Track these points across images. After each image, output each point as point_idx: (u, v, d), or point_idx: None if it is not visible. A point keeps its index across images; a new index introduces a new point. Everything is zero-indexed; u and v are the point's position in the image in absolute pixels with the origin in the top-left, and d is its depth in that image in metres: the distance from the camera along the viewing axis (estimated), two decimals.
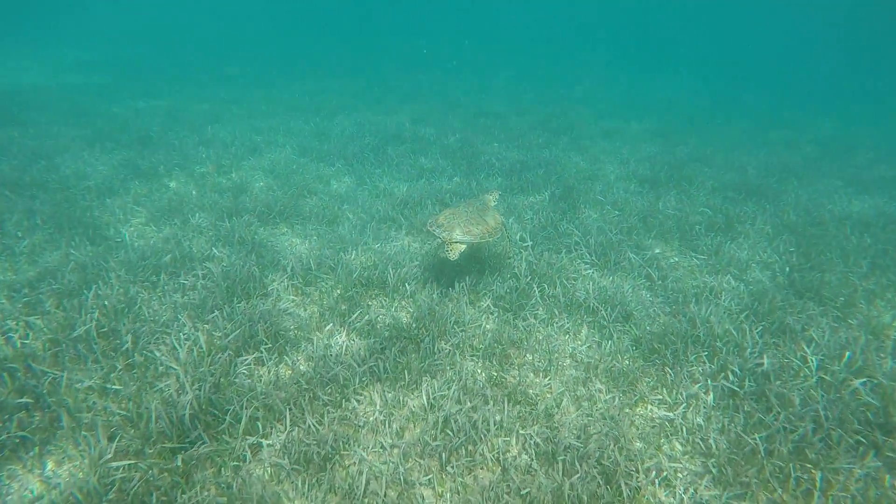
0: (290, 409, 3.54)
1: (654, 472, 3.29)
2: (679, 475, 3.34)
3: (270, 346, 4.18)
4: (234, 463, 3.20)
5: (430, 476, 3.19)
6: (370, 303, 5.05)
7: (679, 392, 3.97)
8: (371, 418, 3.60)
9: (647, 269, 5.73)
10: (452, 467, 3.23)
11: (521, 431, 3.52)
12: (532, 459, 3.32)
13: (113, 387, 3.62)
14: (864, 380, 3.89)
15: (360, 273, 5.33)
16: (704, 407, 3.84)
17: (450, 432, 3.43)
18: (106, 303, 4.44)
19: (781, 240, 6.61)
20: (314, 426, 3.42)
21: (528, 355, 4.41)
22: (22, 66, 19.27)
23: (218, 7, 48.14)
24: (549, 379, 4.11)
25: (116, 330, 4.18)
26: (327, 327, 4.58)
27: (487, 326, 4.72)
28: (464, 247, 4.91)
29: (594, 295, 5.08)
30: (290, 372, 4.02)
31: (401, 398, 3.79)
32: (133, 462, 3.06)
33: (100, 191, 7.26)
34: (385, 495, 3.03)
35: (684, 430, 3.64)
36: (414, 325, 4.61)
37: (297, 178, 8.40)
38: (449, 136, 11.37)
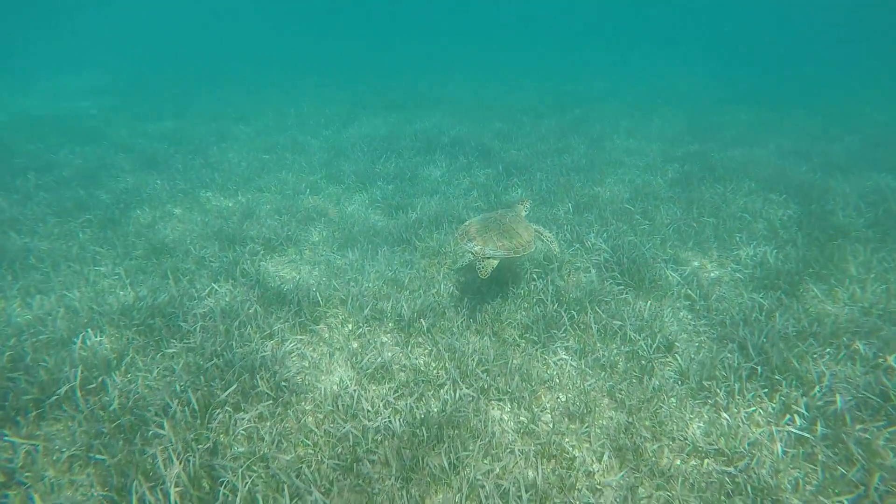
0: (295, 477, 3.15)
1: None
2: None
3: (274, 398, 3.80)
4: None
5: None
6: (384, 338, 4.65)
7: (739, 441, 3.46)
8: (387, 483, 3.18)
9: (686, 289, 5.23)
10: None
11: (556, 500, 3.06)
12: None
13: (96, 456, 3.27)
14: None
15: (373, 305, 4.94)
16: (771, 458, 3.33)
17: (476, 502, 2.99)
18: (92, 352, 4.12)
19: (835, 246, 6.03)
20: (321, 500, 3.01)
21: (560, 395, 3.96)
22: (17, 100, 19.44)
23: (215, 16, 48.44)
24: (587, 426, 3.64)
25: (105, 385, 3.84)
26: (336, 376, 4.19)
27: (515, 362, 4.27)
28: (496, 262, 4.59)
29: (630, 321, 4.60)
30: (295, 426, 3.63)
31: (420, 458, 3.36)
32: None
33: (101, 223, 7.00)
34: None
35: (749, 488, 3.14)
36: (432, 366, 4.19)
37: (306, 200, 8.07)
38: (465, 151, 10.96)
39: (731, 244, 6.26)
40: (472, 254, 4.62)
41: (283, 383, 3.92)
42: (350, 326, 4.79)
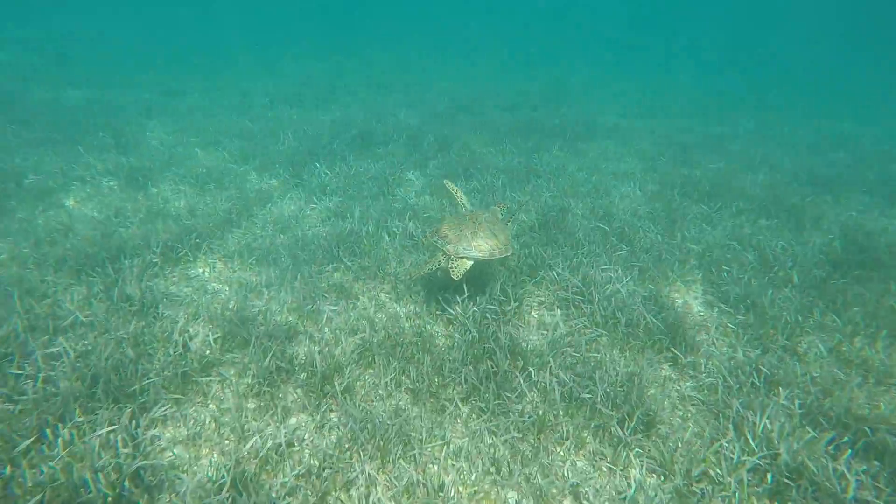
0: None
1: None
2: None
3: None
4: None
5: None
6: (292, 398, 3.66)
7: None
8: None
9: (667, 342, 4.41)
10: None
11: None
12: None
13: None
14: None
15: (280, 353, 3.93)
16: None
17: None
18: None
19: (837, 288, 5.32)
20: None
21: (510, 493, 3.07)
22: None
23: None
24: None
25: None
26: (209, 464, 3.18)
27: (455, 443, 3.36)
28: (470, 264, 4.44)
29: (602, 384, 3.74)
30: None
31: None
32: None
33: None
34: None
35: None
36: (346, 449, 3.24)
37: (230, 195, 6.94)
38: (424, 138, 9.92)
39: (719, 279, 5.50)
40: (444, 252, 4.47)
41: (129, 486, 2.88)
42: (249, 381, 3.77)
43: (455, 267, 4.38)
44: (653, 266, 5.59)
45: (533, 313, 4.86)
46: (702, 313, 5.04)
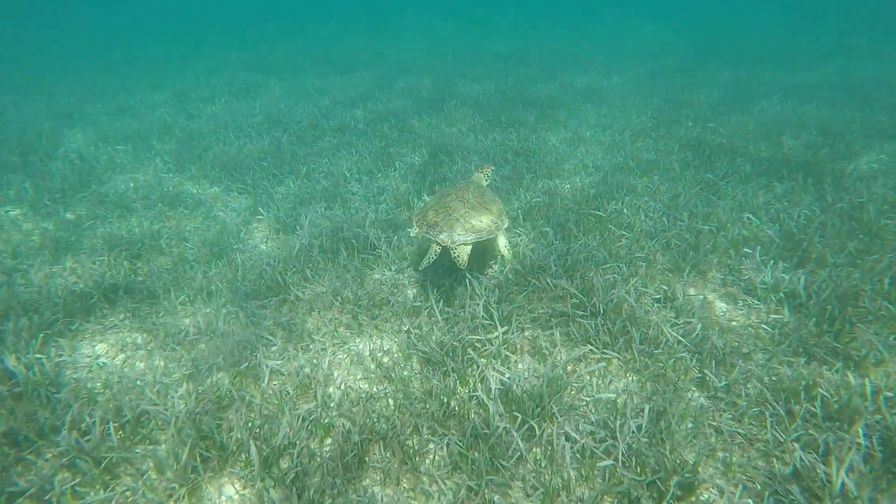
0: None
1: None
2: None
3: None
4: None
5: None
6: (232, 488, 2.84)
7: None
8: None
9: (694, 361, 3.64)
10: None
11: None
12: None
13: None
14: None
15: (209, 433, 3.09)
16: None
17: None
18: None
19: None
20: None
21: None
22: None
23: None
24: None
25: None
26: None
27: None
28: (470, 247, 4.08)
29: (621, 432, 2.96)
30: None
31: None
32: None
33: None
34: None
35: None
36: None
37: (159, 215, 5.98)
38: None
39: (738, 262, 4.74)
40: (439, 243, 4.03)
41: None
42: (170, 475, 2.93)
43: (457, 257, 3.99)
44: (660, 256, 4.80)
45: (525, 333, 4.05)
46: (726, 311, 4.28)
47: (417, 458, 2.98)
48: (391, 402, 3.36)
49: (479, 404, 3.29)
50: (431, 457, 3.03)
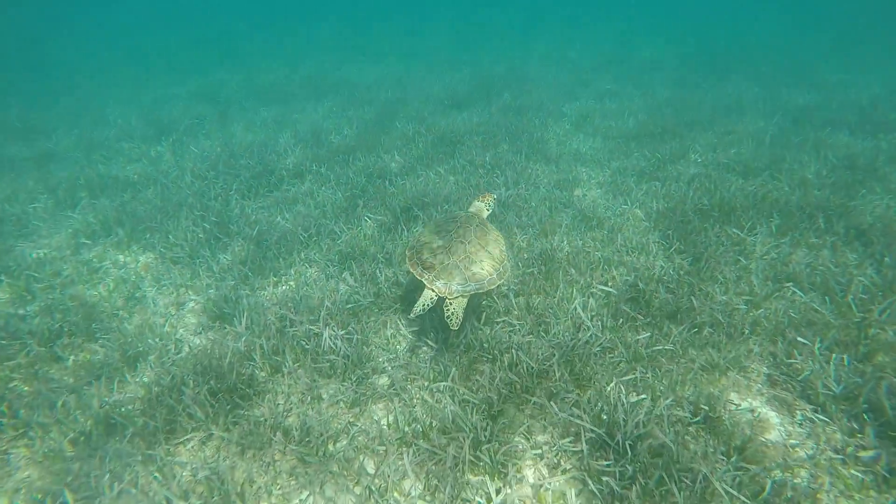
0: None
1: None
2: None
3: None
4: None
5: None
6: None
7: None
8: None
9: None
10: None
11: None
12: None
13: None
14: None
15: None
16: None
17: None
18: None
19: None
20: None
21: None
22: None
23: None
24: None
25: None
26: None
27: None
28: (466, 300, 3.62)
29: None
30: None
31: None
32: None
33: None
34: None
35: None
36: None
37: (63, 301, 4.95)
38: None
39: (785, 358, 3.86)
40: (435, 291, 3.57)
41: None
42: None
43: (453, 312, 3.50)
44: (689, 346, 3.90)
45: (528, 478, 3.10)
46: (783, 431, 3.38)
47: None
48: None
49: None
50: None
